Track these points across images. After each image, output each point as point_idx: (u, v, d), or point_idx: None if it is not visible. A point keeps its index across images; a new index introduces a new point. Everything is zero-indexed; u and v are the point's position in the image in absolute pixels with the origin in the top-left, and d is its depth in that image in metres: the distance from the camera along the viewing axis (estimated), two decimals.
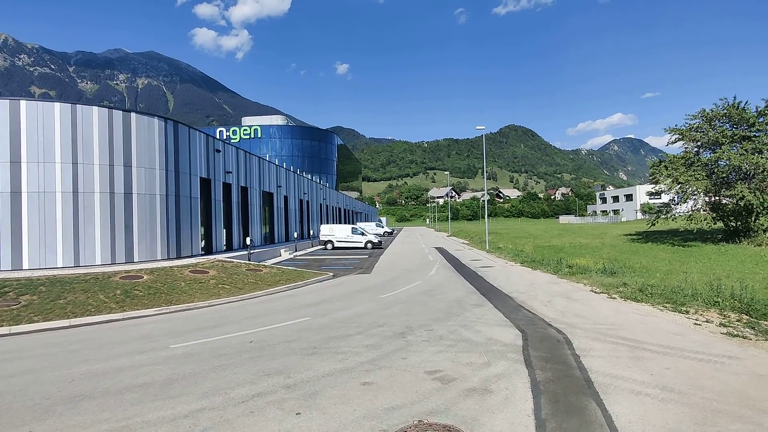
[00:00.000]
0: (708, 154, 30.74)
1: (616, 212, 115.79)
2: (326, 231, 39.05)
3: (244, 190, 29.14)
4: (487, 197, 53.38)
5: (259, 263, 21.90)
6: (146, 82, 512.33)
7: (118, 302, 13.16)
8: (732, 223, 30.51)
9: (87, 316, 11.97)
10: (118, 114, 18.50)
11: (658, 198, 34.92)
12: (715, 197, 30.57)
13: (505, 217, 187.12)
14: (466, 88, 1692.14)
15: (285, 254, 30.86)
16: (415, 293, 15.01)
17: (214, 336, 9.72)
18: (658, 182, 32.51)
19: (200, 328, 10.63)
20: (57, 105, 17.37)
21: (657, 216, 33.70)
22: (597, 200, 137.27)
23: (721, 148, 28.86)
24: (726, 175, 29.31)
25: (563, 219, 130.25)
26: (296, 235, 37.40)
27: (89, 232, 17.66)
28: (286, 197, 37.96)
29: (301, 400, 5.95)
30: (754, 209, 28.10)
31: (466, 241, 47.47)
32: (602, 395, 5.77)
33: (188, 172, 21.56)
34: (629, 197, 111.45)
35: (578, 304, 12.26)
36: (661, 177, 31.13)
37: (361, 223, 64.54)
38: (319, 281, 18.72)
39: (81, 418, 5.58)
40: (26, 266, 16.69)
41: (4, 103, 16.63)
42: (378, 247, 38.52)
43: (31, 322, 11.30)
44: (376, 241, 38.66)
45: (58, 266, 17.06)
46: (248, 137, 64.58)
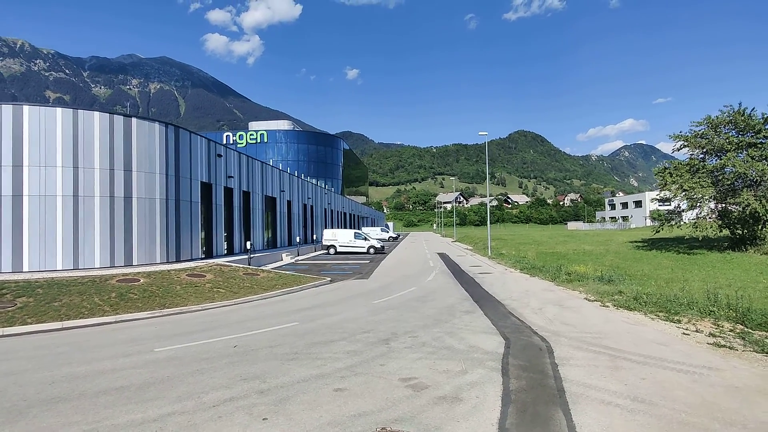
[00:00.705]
0: (713, 161, 30.38)
1: (625, 219, 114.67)
2: (329, 236, 39.15)
3: (246, 195, 29.34)
4: (495, 203, 53.19)
5: (257, 268, 22.01)
6: (158, 86, 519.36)
7: (112, 305, 13.31)
8: (738, 231, 30.08)
9: (80, 318, 12.11)
10: (119, 119, 18.78)
11: (668, 204, 34.47)
12: (721, 204, 30.18)
13: (513, 223, 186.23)
14: (476, 93, 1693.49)
15: (287, 259, 30.98)
16: (408, 299, 14.99)
17: (200, 340, 9.79)
18: (662, 189, 32.18)
19: (188, 332, 10.70)
20: (59, 110, 17.69)
21: (662, 223, 33.33)
22: (606, 206, 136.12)
23: (727, 155, 28.51)
24: (731, 182, 28.92)
25: (571, 225, 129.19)
26: (299, 240, 37.53)
27: (89, 236, 17.90)
28: (289, 202, 38.15)
29: (270, 405, 5.98)
30: (761, 217, 27.70)
31: (469, 247, 47.29)
32: (571, 405, 5.72)
33: (189, 177, 21.78)
34: (638, 204, 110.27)
35: (569, 312, 12.16)
36: (666, 184, 30.80)
37: (366, 228, 64.65)
38: (315, 286, 18.77)
39: (53, 420, 5.66)
40: (26, 268, 16.95)
41: (8, 108, 16.97)
42: (380, 252, 38.51)
43: (25, 324, 11.47)
44: (379, 246, 38.65)
45: (58, 269, 17.30)
46: (254, 142, 65.09)
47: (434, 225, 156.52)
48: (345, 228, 57.37)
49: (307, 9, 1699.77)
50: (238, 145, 63.83)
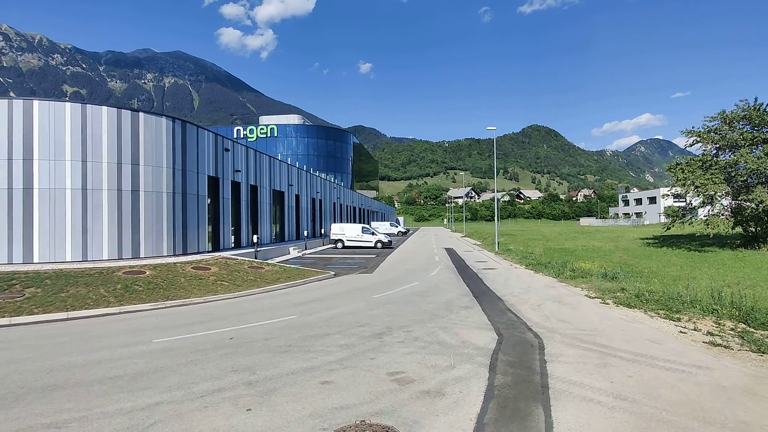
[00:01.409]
0: (727, 156, 29.76)
1: (638, 215, 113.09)
2: (337, 230, 39.35)
3: (254, 189, 29.60)
4: (507, 198, 52.82)
5: (263, 261, 22.24)
6: (173, 81, 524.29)
7: (117, 296, 13.60)
8: (751, 228, 29.50)
9: (84, 309, 12.41)
10: (126, 113, 19.07)
11: (682, 201, 33.87)
12: (735, 201, 29.60)
13: (525, 218, 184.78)
14: (489, 87, 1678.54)
15: (294, 252, 31.23)
16: (408, 294, 15.04)
17: (198, 332, 9.97)
18: (674, 185, 31.67)
19: (188, 324, 10.91)
20: (68, 105, 18.02)
21: (673, 220, 32.83)
22: (619, 202, 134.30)
23: (740, 150, 27.92)
24: (745, 178, 28.34)
25: (584, 221, 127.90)
26: (306, 234, 37.77)
27: (97, 228, 18.26)
28: (297, 196, 38.37)
29: (256, 396, 6.09)
30: None
31: (478, 242, 47.11)
32: (553, 402, 5.73)
33: (196, 171, 22.05)
34: (652, 200, 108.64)
35: (567, 309, 12.10)
36: (678, 180, 30.28)
37: (375, 223, 64.79)
38: (318, 280, 18.92)
39: (46, 407, 5.84)
40: (36, 260, 17.38)
41: (18, 103, 17.34)
42: (388, 246, 38.61)
43: (31, 314, 11.80)
44: (386, 240, 38.74)
45: (67, 260, 17.70)
46: (265, 136, 65.48)
47: (444, 220, 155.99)
48: (354, 222, 57.54)
49: (320, 3, 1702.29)
50: (249, 140, 64.27)
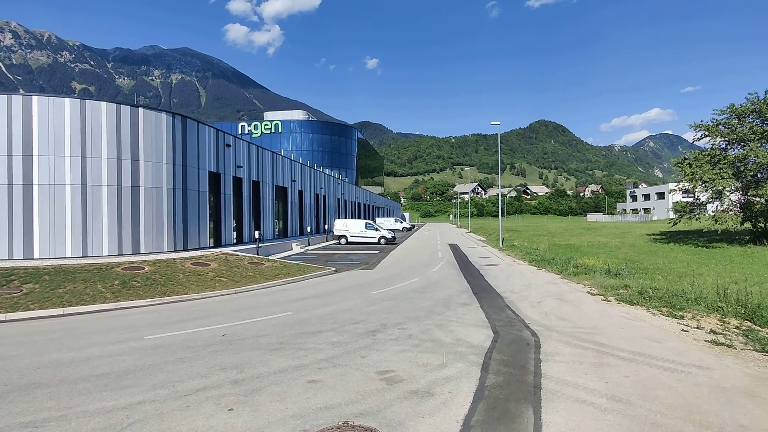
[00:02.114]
0: (736, 150, 29.20)
1: (647, 211, 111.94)
2: (340, 226, 39.24)
3: (256, 185, 29.51)
4: (513, 193, 52.43)
5: (263, 257, 22.16)
6: (180, 77, 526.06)
7: (114, 292, 13.55)
8: (760, 224, 28.97)
9: (81, 305, 12.37)
10: (125, 109, 19.00)
11: (691, 196, 33.28)
12: (744, 196, 29.05)
13: (531, 214, 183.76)
14: (496, 82, 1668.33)
15: (296, 248, 31.14)
16: (407, 290, 14.87)
17: (191, 328, 9.88)
18: (681, 180, 31.17)
19: (182, 320, 10.82)
20: (67, 100, 17.98)
21: (680, 215, 32.34)
22: (627, 198, 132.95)
23: (750, 144, 27.36)
24: (754, 173, 27.78)
25: (591, 217, 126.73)
26: (309, 230, 37.68)
27: (97, 224, 18.25)
28: (300, 192, 38.26)
29: (241, 396, 5.96)
30: None
31: (483, 238, 46.79)
32: (544, 403, 5.54)
33: (196, 166, 21.98)
34: (661, 195, 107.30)
35: (567, 306, 11.86)
36: (684, 175, 29.78)
37: (380, 219, 64.60)
38: (318, 276, 18.80)
39: (27, 405, 5.75)
40: (36, 255, 17.41)
41: (17, 99, 17.32)
42: (391, 242, 38.44)
43: (28, 310, 11.77)
44: (390, 236, 38.57)
45: (67, 256, 17.71)
46: (269, 132, 65.44)
47: (450, 216, 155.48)
48: (358, 218, 57.40)
49: None
50: (253, 135, 64.25)
